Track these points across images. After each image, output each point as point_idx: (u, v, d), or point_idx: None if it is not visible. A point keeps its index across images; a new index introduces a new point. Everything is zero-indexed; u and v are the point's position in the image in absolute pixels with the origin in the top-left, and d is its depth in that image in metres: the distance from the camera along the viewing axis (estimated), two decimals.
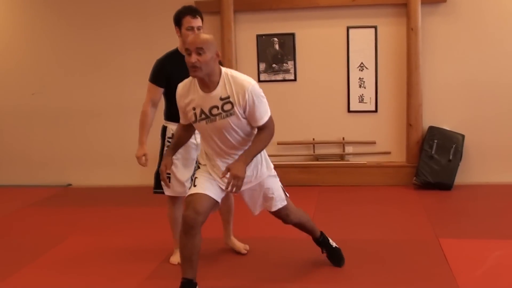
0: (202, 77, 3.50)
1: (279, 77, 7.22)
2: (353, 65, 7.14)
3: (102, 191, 7.54)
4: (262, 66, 7.19)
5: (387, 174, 7.10)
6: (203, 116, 3.59)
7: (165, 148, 4.39)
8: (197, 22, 4.22)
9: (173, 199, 4.52)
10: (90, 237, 5.47)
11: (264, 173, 3.86)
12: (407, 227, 5.43)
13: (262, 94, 3.59)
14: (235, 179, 3.45)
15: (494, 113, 6.91)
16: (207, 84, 3.55)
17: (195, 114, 3.62)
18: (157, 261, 4.66)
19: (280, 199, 3.97)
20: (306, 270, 4.17)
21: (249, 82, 3.55)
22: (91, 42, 7.61)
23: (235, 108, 3.53)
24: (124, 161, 7.72)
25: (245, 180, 3.58)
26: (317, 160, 7.28)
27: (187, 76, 3.79)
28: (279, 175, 4.02)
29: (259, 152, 3.66)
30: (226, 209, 4.77)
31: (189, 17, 4.20)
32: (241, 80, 3.56)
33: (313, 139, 7.27)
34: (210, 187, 3.72)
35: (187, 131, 3.92)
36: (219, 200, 3.80)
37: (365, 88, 7.15)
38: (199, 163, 3.88)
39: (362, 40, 7.09)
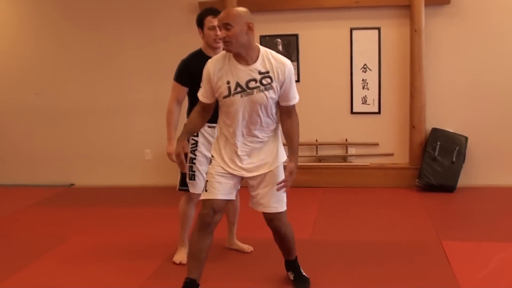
0: (238, 51, 3.55)
1: None
2: (357, 66, 7.14)
3: (104, 191, 7.55)
4: None
5: (390, 175, 7.09)
6: (238, 89, 3.59)
7: (189, 146, 4.39)
8: None
9: (190, 198, 4.54)
10: (93, 236, 5.47)
11: (276, 161, 3.82)
12: (409, 229, 5.43)
13: None
14: (291, 176, 3.67)
15: (498, 115, 6.91)
16: (245, 58, 3.58)
17: (229, 87, 3.60)
18: (160, 261, 4.66)
19: (284, 201, 3.88)
20: (309, 271, 4.16)
21: (288, 60, 3.67)
22: (94, 42, 7.62)
23: (273, 83, 3.59)
24: (127, 161, 7.75)
25: (258, 166, 3.75)
26: (320, 161, 7.28)
27: None
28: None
29: (298, 140, 3.79)
30: (232, 210, 4.80)
31: (211, 17, 4.31)
32: (280, 57, 3.66)
33: (316, 140, 7.27)
34: (221, 189, 3.73)
35: (203, 115, 3.84)
36: (233, 197, 3.85)
37: (368, 89, 7.15)
38: (212, 156, 3.86)
39: (365, 41, 7.08)
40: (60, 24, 7.70)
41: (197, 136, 4.38)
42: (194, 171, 4.42)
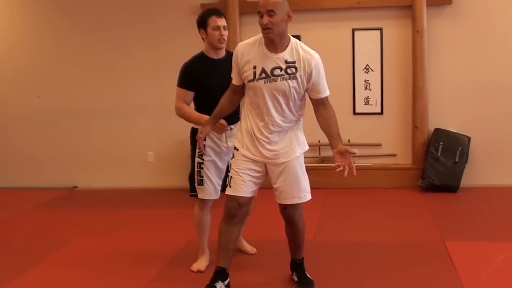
0: (274, 38, 3.58)
1: None
2: (359, 67, 7.14)
3: (107, 193, 7.55)
4: None
5: (392, 176, 7.09)
6: (263, 75, 3.63)
7: (197, 151, 4.32)
8: (223, 21, 4.24)
9: (202, 204, 4.44)
10: (96, 239, 5.47)
11: (296, 151, 3.85)
12: (412, 230, 5.42)
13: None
14: (343, 155, 3.84)
15: (500, 115, 6.90)
16: (276, 45, 3.62)
17: (254, 72, 3.65)
18: (162, 264, 4.65)
19: (307, 191, 3.96)
20: (312, 273, 4.15)
21: (316, 53, 3.72)
22: (97, 44, 7.63)
23: (298, 73, 3.63)
24: (130, 163, 7.75)
25: (279, 153, 3.76)
26: (323, 162, 7.28)
27: (215, 78, 4.07)
28: None
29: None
30: None
31: (215, 17, 4.22)
32: (308, 49, 3.70)
33: (319, 141, 7.26)
34: (244, 187, 3.77)
35: (232, 98, 3.89)
36: (255, 193, 3.88)
37: (370, 90, 7.15)
38: (235, 147, 3.89)
39: (367, 42, 7.09)
40: (62, 27, 7.71)
41: (204, 140, 4.22)
42: (202, 176, 4.32)
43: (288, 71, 3.62)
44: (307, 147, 3.98)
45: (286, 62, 3.62)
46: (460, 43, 6.90)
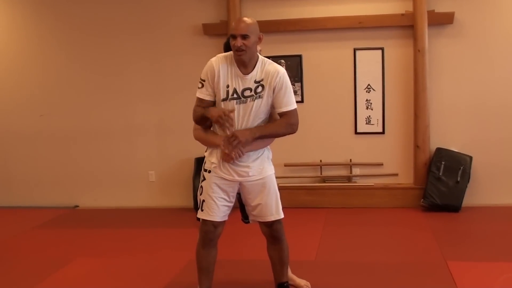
0: (245, 60, 3.62)
1: None
2: (360, 86, 7.15)
3: (109, 212, 7.54)
4: None
5: (394, 196, 7.07)
6: (235, 95, 3.66)
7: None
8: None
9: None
10: (97, 258, 5.45)
11: (268, 170, 3.83)
12: (414, 250, 5.41)
13: (291, 86, 3.77)
14: (235, 140, 3.56)
15: (502, 135, 6.90)
16: (247, 66, 3.66)
17: (227, 91, 3.67)
18: (163, 284, 4.63)
19: (281, 210, 3.90)
20: None
21: (283, 68, 3.77)
22: (99, 64, 7.66)
23: (264, 90, 3.66)
24: (132, 183, 7.74)
25: (250, 170, 3.73)
26: (324, 182, 7.27)
27: None
28: (286, 196, 3.99)
29: (271, 134, 3.75)
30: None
31: None
32: (275, 65, 3.77)
33: (320, 160, 7.26)
34: (217, 211, 3.77)
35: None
36: (227, 217, 3.87)
37: (372, 109, 7.15)
38: (205, 170, 3.82)
39: (369, 61, 7.10)
40: (65, 47, 7.74)
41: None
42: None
43: (257, 90, 3.66)
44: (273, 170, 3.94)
45: (255, 82, 3.66)
46: (462, 63, 6.91)
